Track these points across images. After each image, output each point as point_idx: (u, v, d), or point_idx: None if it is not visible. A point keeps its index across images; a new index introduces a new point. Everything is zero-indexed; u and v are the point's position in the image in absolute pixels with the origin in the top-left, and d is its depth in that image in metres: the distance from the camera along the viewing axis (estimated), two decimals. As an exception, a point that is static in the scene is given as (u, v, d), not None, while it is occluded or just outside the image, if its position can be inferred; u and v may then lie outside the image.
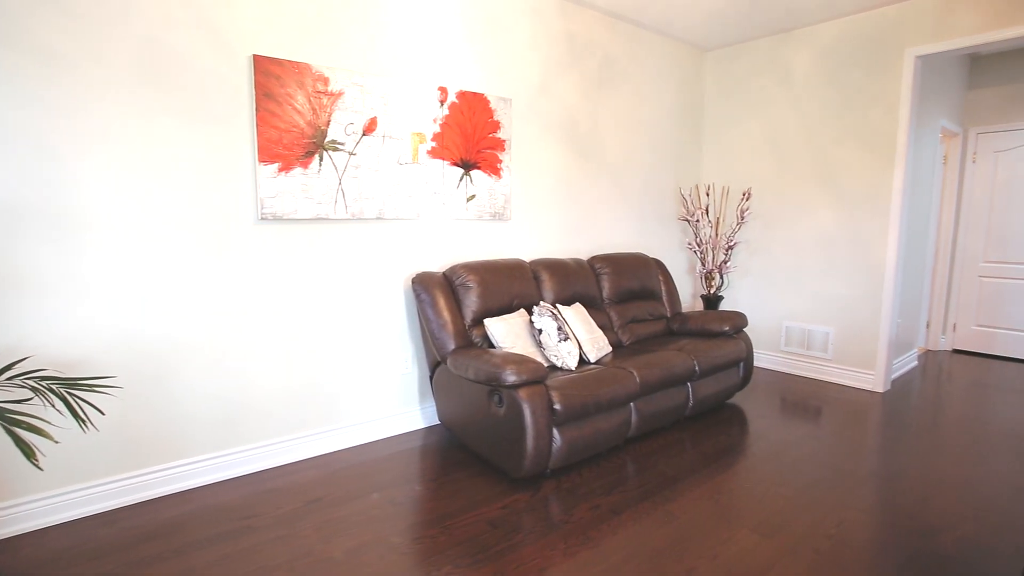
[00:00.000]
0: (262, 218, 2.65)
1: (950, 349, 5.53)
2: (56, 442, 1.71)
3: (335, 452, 3.02)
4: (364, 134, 2.97)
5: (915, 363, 4.99)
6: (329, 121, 2.83)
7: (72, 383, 1.89)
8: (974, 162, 5.27)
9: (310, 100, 2.75)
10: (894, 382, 4.42)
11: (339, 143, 2.88)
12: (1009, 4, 3.43)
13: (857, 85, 4.11)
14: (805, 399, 3.97)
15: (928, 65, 4.36)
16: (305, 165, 2.77)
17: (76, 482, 2.33)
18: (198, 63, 2.45)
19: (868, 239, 4.14)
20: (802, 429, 3.37)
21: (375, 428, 3.17)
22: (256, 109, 2.58)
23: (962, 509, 2.46)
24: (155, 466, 2.52)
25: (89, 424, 2.32)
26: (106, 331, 2.34)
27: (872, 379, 4.20)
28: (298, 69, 2.69)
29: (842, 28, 4.16)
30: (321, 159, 2.82)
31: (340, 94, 2.85)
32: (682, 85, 4.80)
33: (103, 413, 2.20)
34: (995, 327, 5.26)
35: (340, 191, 2.91)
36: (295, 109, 2.70)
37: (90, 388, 1.90)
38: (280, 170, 2.68)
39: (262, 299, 2.73)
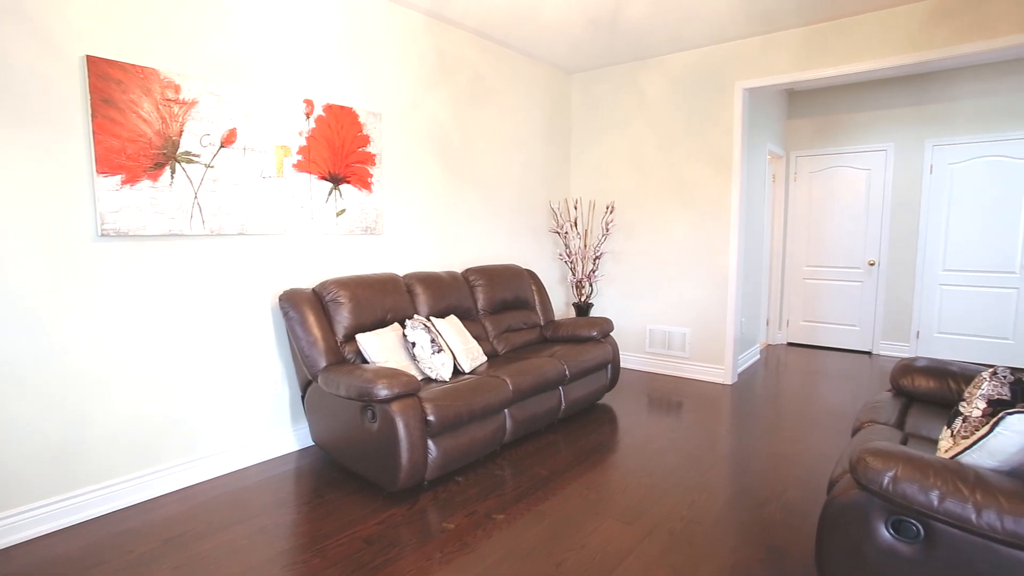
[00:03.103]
0: (103, 234, 2.42)
1: (786, 343, 6.33)
2: None
3: (199, 484, 2.81)
4: (223, 146, 2.82)
5: (758, 356, 5.65)
6: (182, 131, 2.66)
7: None
8: (795, 181, 6.12)
9: (159, 108, 2.57)
10: (741, 374, 4.97)
11: (194, 155, 2.71)
12: (809, 52, 4.07)
13: (700, 110, 4.62)
14: (667, 395, 4.34)
15: (754, 96, 5.01)
16: (154, 177, 2.57)
17: None
18: (14, 60, 2.20)
19: (715, 248, 4.64)
20: (664, 423, 3.69)
21: (244, 454, 2.99)
22: (92, 115, 2.37)
23: (787, 479, 2.85)
24: (-31, 520, 2.19)
25: None
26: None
27: (722, 373, 4.69)
28: (143, 74, 2.51)
29: (687, 60, 4.65)
30: (173, 171, 2.64)
31: (194, 103, 2.70)
32: (550, 104, 5.09)
33: None
34: (817, 322, 6.11)
35: (196, 205, 2.74)
36: (141, 117, 2.51)
37: None
38: (124, 182, 2.47)
39: (106, 323, 2.49)
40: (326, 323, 2.95)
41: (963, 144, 5.21)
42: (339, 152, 3.33)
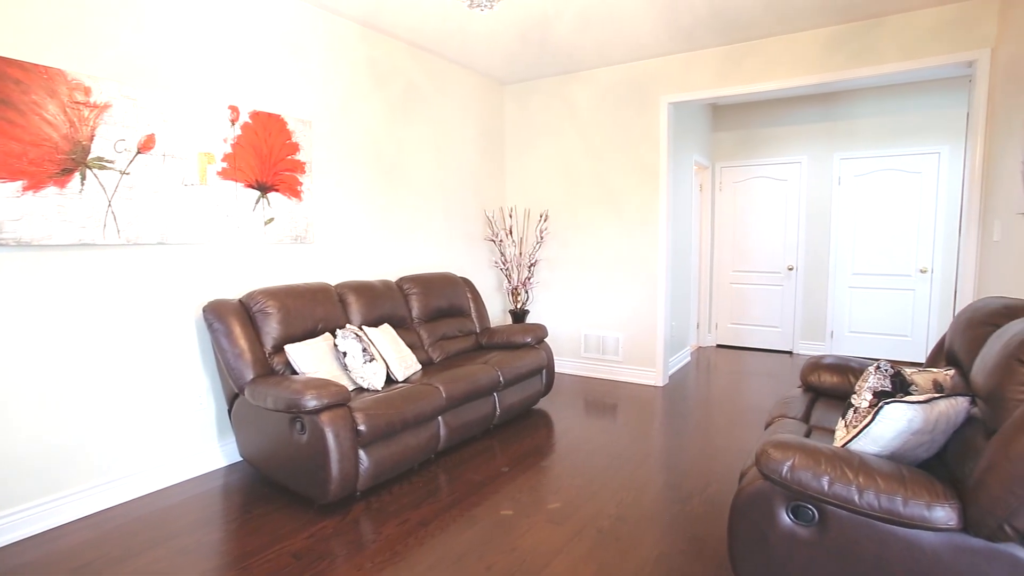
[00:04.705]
0: (0, 244, 2.27)
1: (715, 344, 6.63)
2: None
3: (114, 507, 2.66)
4: (139, 152, 2.71)
5: (689, 359, 5.89)
6: (93, 136, 2.54)
7: None
8: (720, 190, 6.44)
9: (66, 111, 2.44)
10: (672, 376, 5.17)
11: (107, 161, 2.59)
12: (726, 70, 4.33)
13: (628, 123, 4.81)
14: (601, 398, 4.46)
15: (679, 110, 5.26)
16: (61, 184, 2.44)
17: None
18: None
19: (645, 254, 4.83)
20: (597, 425, 3.80)
21: (166, 473, 2.86)
22: (-10, 119, 2.23)
23: (710, 474, 3.00)
24: None
25: None
26: None
27: (654, 375, 4.87)
28: (48, 75, 2.38)
29: (614, 74, 4.83)
30: (84, 177, 2.51)
31: (107, 107, 2.58)
32: (484, 114, 5.15)
33: None
34: (743, 324, 6.44)
35: (111, 213, 2.62)
36: (45, 120, 2.37)
37: None
38: (26, 189, 2.33)
39: (5, 339, 2.33)
40: (253, 334, 2.87)
41: (866, 158, 5.66)
42: (267, 160, 3.25)
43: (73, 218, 2.48)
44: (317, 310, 3.13)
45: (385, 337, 3.25)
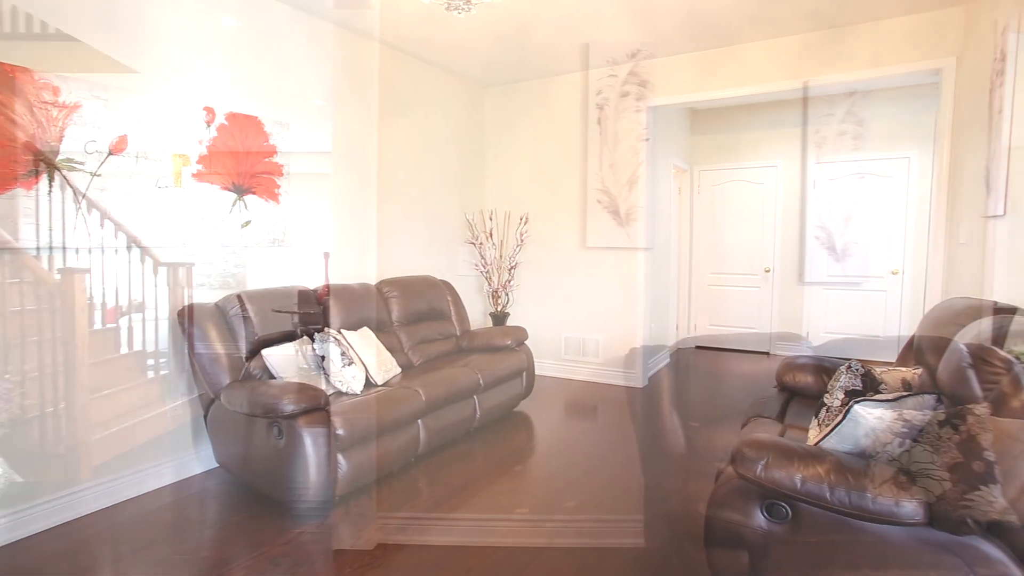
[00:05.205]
0: (-33, 248, 2.22)
1: (694, 346, 6.70)
2: None
3: (81, 518, 2.59)
4: (111, 153, 2.66)
5: (668, 360, 5.94)
6: (62, 136, 2.48)
7: None
8: (699, 193, 6.53)
9: (33, 111, 2.39)
10: (651, 378, 5.21)
11: (77, 162, 2.54)
12: (704, 75, 4.40)
13: (608, 126, 4.84)
14: (581, 400, 4.49)
15: (659, 114, 5.29)
16: (29, 186, 2.38)
17: None
18: None
19: (624, 257, 4.86)
20: (576, 427, 3.82)
21: (138, 482, 2.80)
22: (-46, 119, 2.17)
23: (688, 473, 3.03)
24: None
25: None
26: None
27: (633, 377, 4.90)
28: (13, 74, 2.32)
29: (593, 78, 4.87)
30: (52, 179, 2.46)
31: (76, 107, 2.53)
32: (465, 117, 5.15)
33: None
34: (722, 325, 6.53)
35: (82, 216, 2.56)
36: (10, 120, 2.32)
37: None
38: (-8, 191, 2.28)
39: (-31, 345, 2.27)
40: (229, 339, 2.83)
41: (840, 162, 5.78)
42: (243, 162, 3.21)
43: (41, 220, 2.42)
44: (294, 314, 3.09)
45: (364, 340, 3.23)
